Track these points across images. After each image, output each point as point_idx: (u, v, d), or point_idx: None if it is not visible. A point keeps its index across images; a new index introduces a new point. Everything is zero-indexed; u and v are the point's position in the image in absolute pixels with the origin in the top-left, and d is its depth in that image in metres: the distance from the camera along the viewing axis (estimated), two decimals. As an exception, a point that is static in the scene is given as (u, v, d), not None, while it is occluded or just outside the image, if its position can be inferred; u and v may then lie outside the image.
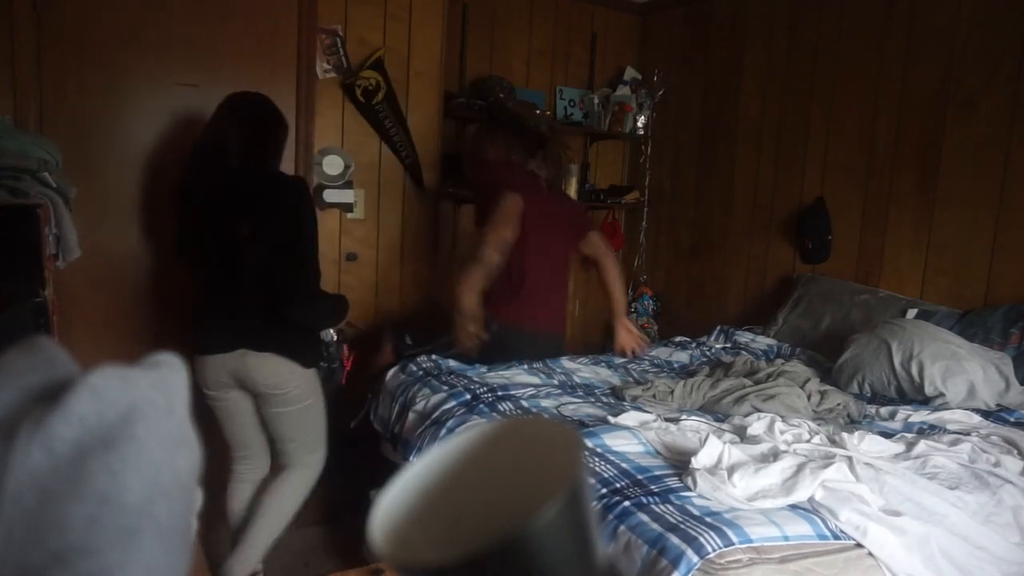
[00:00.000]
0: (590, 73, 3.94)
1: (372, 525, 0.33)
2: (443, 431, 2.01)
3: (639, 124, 3.88)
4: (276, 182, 2.02)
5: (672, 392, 2.28)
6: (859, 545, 1.43)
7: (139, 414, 0.33)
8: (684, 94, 3.82)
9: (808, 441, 1.75)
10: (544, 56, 3.80)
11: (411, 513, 0.34)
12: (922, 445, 1.75)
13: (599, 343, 4.02)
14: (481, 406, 2.10)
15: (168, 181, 2.31)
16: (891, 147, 2.85)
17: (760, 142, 3.41)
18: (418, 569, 0.30)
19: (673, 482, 1.59)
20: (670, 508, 1.46)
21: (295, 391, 2.09)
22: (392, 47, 2.94)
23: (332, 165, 2.84)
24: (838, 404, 2.14)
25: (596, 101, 3.85)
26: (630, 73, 3.94)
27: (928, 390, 2.17)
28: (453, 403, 2.13)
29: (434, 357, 2.49)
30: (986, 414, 2.09)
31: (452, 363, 2.47)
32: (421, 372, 2.41)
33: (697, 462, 1.58)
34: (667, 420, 1.93)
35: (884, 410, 2.17)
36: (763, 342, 2.99)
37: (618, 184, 4.10)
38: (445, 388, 2.26)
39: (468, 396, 2.17)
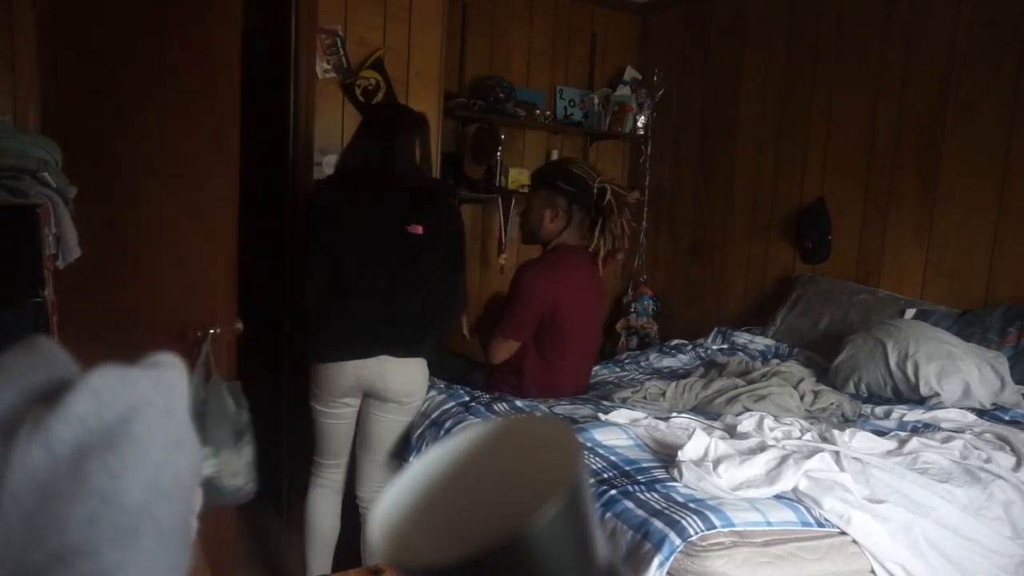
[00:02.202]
0: (590, 73, 3.94)
1: (372, 525, 0.33)
2: (441, 432, 2.01)
3: (639, 124, 3.88)
4: (438, 187, 2.14)
5: (664, 393, 2.27)
6: (843, 533, 1.45)
7: (138, 415, 0.33)
8: (684, 94, 3.82)
9: (799, 438, 1.76)
10: (544, 56, 3.80)
11: (411, 513, 0.34)
12: (914, 442, 1.76)
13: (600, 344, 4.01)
14: (478, 406, 2.11)
15: (177, 181, 2.32)
16: (891, 147, 2.85)
17: (760, 142, 3.41)
18: (418, 569, 0.30)
19: (659, 473, 1.61)
20: (655, 496, 1.49)
21: (416, 402, 2.11)
22: (392, 47, 2.94)
23: (332, 165, 2.84)
24: (831, 404, 2.15)
25: (596, 101, 3.84)
26: (630, 73, 3.94)
27: (923, 390, 2.18)
28: (451, 403, 2.14)
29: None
30: (981, 413, 2.10)
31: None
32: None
33: (684, 454, 1.60)
34: (657, 419, 1.94)
35: (879, 409, 2.18)
36: (761, 342, 2.99)
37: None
38: (443, 387, 2.28)
39: (466, 397, 2.19)
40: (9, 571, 0.29)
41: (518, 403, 2.20)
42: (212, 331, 1.75)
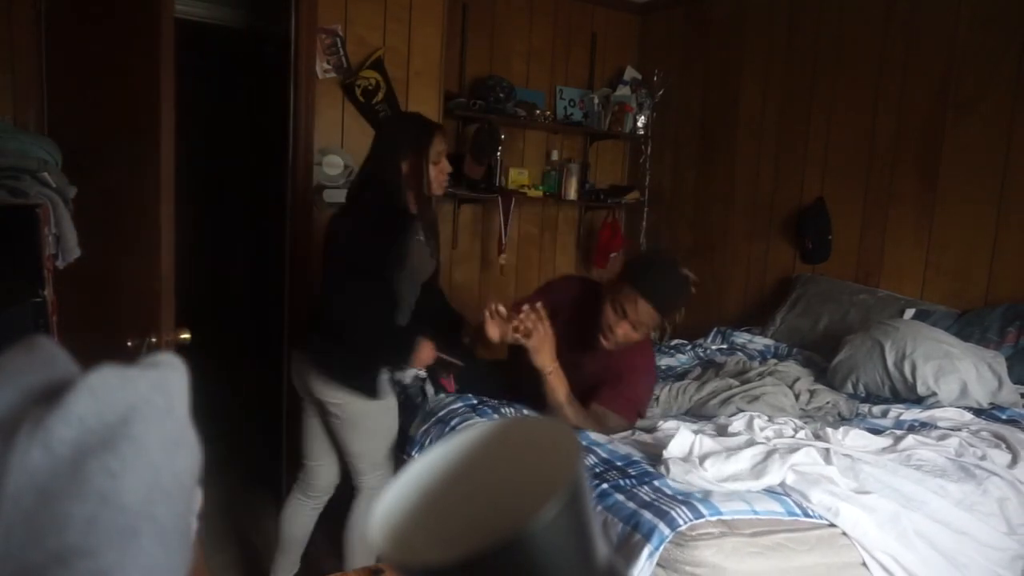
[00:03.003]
0: (590, 73, 3.94)
1: (372, 525, 0.33)
2: (446, 429, 2.01)
3: (639, 124, 3.88)
4: (377, 201, 1.97)
5: (657, 399, 2.26)
6: (832, 524, 1.46)
7: (138, 415, 0.33)
8: (684, 94, 3.81)
9: (792, 437, 1.76)
10: (544, 56, 3.80)
11: (411, 513, 0.34)
12: (909, 439, 1.77)
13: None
14: (485, 408, 2.10)
15: (119, 181, 2.29)
16: (891, 147, 2.85)
17: (760, 142, 3.41)
18: (418, 569, 0.30)
19: (650, 468, 1.63)
20: (645, 489, 1.51)
21: (351, 412, 2.04)
22: (392, 47, 2.94)
23: (332, 165, 2.84)
24: (827, 403, 2.15)
25: (596, 101, 3.84)
26: (630, 73, 3.94)
27: (921, 390, 2.18)
28: (459, 404, 2.12)
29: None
30: (978, 412, 2.11)
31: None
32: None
33: (668, 452, 1.61)
34: (642, 431, 1.93)
35: (876, 408, 2.19)
36: (761, 342, 2.99)
37: (618, 184, 4.10)
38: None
39: (474, 400, 2.17)
40: (9, 571, 0.29)
41: (525, 411, 2.17)
42: (150, 340, 1.63)
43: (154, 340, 1.60)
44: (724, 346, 3.04)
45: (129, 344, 1.62)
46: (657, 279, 1.95)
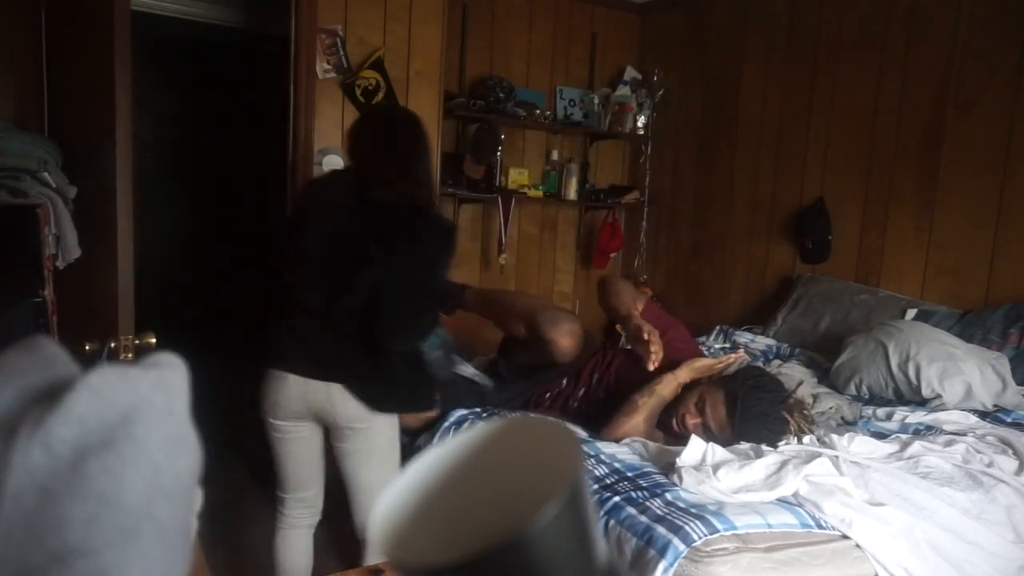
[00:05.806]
0: (590, 73, 3.94)
1: (372, 525, 0.33)
2: (450, 435, 2.00)
3: (639, 124, 3.87)
4: (409, 210, 1.74)
5: None
6: (845, 537, 1.45)
7: (139, 414, 0.33)
8: (684, 94, 3.81)
9: (798, 443, 1.76)
10: (544, 56, 3.80)
11: (411, 513, 0.34)
12: (916, 445, 1.76)
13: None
14: (494, 417, 2.10)
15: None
16: (891, 147, 2.85)
17: (760, 142, 3.41)
18: (419, 569, 0.30)
19: (662, 478, 1.62)
20: (658, 502, 1.50)
21: (377, 430, 1.82)
22: (392, 47, 2.94)
23: (332, 165, 2.84)
24: (831, 408, 2.14)
25: (596, 101, 3.84)
26: (630, 73, 3.94)
27: (925, 391, 2.17)
28: (465, 411, 2.12)
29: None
30: (983, 415, 2.10)
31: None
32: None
33: (682, 460, 1.60)
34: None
35: (881, 411, 2.18)
36: (763, 342, 2.99)
37: (618, 184, 4.10)
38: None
39: (479, 408, 2.16)
40: (9, 571, 0.29)
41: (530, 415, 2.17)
42: (109, 345, 1.51)
43: (113, 345, 1.48)
44: (727, 345, 3.04)
45: (87, 348, 1.51)
46: (754, 406, 1.79)
